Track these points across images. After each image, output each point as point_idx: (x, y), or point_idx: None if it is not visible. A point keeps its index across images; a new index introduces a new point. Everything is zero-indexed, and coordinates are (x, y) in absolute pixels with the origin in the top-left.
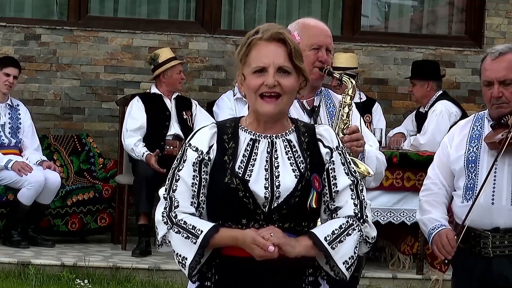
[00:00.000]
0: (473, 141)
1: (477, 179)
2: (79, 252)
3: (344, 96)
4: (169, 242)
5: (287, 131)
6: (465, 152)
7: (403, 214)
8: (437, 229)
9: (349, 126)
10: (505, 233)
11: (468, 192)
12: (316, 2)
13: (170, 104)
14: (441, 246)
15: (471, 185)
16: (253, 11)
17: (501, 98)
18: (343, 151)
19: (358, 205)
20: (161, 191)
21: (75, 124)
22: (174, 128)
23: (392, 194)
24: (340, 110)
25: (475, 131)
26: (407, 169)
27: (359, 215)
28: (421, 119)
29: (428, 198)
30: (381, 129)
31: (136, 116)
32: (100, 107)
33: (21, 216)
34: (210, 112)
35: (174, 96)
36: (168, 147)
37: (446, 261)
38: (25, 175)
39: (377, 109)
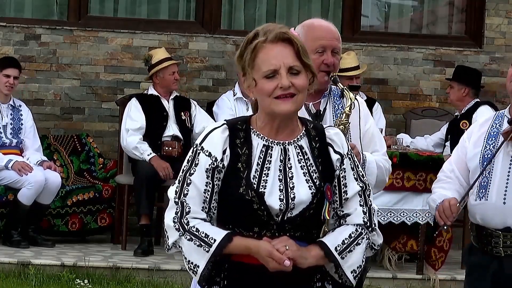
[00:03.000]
0: (490, 139)
1: (491, 178)
2: (79, 252)
3: (340, 115)
4: (180, 247)
5: (298, 136)
6: (481, 150)
7: (403, 214)
8: (443, 200)
9: None
10: None
11: (481, 190)
12: (316, 2)
13: (168, 105)
14: (441, 211)
15: (485, 183)
16: (253, 11)
17: None
18: (352, 155)
19: (367, 212)
20: (171, 193)
21: (75, 124)
22: (172, 129)
23: (392, 194)
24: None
25: (493, 128)
26: (407, 169)
27: (368, 224)
28: (454, 124)
29: (439, 184)
30: (381, 129)
31: (135, 117)
32: (100, 107)
33: (21, 216)
34: (210, 112)
35: (172, 96)
36: (166, 148)
37: (446, 228)
38: (25, 175)
39: (377, 108)
